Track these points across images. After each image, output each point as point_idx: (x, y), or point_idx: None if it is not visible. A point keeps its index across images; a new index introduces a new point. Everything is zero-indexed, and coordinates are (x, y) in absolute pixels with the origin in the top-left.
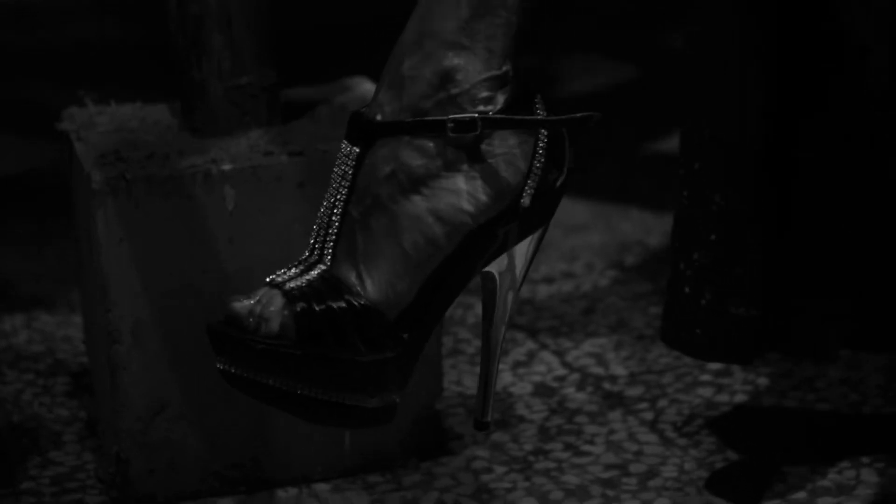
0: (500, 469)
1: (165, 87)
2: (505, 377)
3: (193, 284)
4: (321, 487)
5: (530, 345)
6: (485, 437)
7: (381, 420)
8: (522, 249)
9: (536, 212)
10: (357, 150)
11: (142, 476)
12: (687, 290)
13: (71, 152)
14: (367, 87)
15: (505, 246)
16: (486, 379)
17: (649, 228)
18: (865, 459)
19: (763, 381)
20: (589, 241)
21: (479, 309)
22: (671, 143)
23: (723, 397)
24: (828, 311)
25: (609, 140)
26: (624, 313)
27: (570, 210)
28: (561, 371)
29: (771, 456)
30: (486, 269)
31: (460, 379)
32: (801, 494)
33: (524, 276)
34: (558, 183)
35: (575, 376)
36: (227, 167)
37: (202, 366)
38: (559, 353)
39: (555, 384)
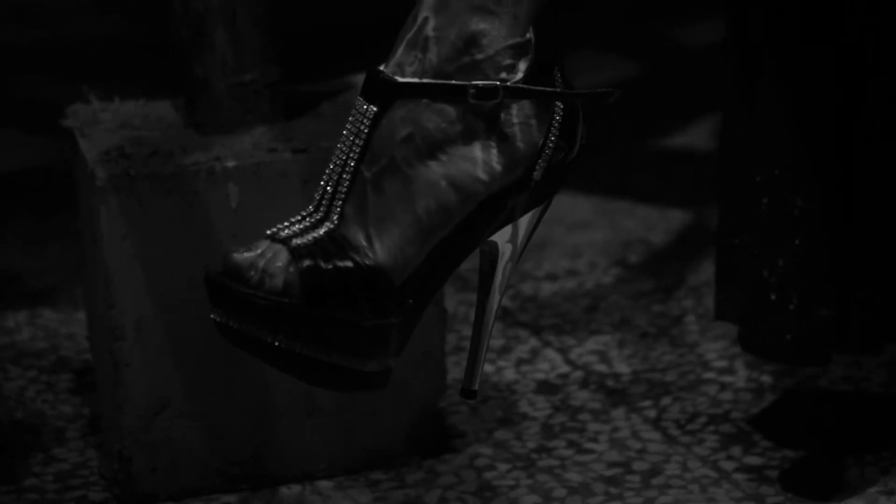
0: (503, 467)
1: (168, 83)
2: (508, 374)
3: (197, 281)
4: (324, 485)
5: (534, 342)
6: (488, 435)
7: (375, 385)
8: (525, 221)
9: (545, 185)
10: (374, 108)
11: (144, 473)
12: (773, 296)
13: (75, 149)
14: None
15: (512, 217)
16: (477, 347)
17: (653, 226)
18: (869, 457)
19: (766, 378)
20: (592, 238)
21: None
22: (675, 140)
23: (726, 395)
24: (866, 303)
25: (613, 136)
26: (627, 311)
27: (574, 207)
28: (564, 369)
29: (774, 454)
30: (490, 238)
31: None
32: (804, 492)
33: (524, 248)
34: (569, 158)
35: (578, 374)
36: (230, 164)
37: (205, 362)
38: (562, 351)
39: (558, 382)
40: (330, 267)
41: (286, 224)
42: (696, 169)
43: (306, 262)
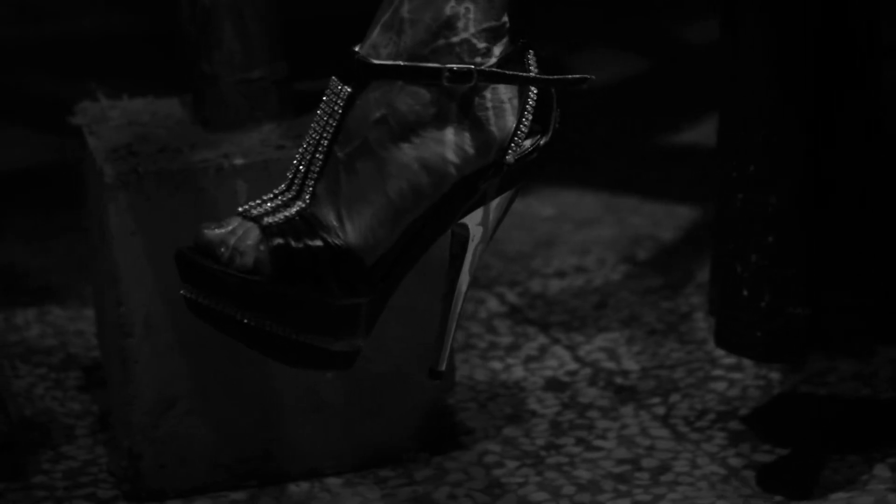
0: (511, 464)
1: (173, 79)
2: (516, 372)
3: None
4: (332, 482)
5: (542, 339)
6: (497, 432)
7: (341, 365)
8: (496, 204)
9: (518, 169)
10: (349, 89)
11: (153, 470)
12: (745, 292)
13: (83, 146)
14: None
15: (483, 200)
16: (445, 328)
17: (660, 222)
18: (877, 454)
19: (775, 375)
20: (600, 235)
21: (490, 304)
22: (683, 137)
23: (735, 392)
24: (857, 305)
25: (619, 133)
26: (636, 308)
27: (581, 203)
28: (573, 366)
29: (783, 451)
30: (461, 220)
31: (472, 373)
32: (812, 489)
33: (495, 231)
34: (542, 143)
35: (587, 371)
36: (238, 161)
37: (214, 359)
38: (571, 348)
39: (567, 379)
40: (300, 246)
41: (258, 202)
42: (704, 165)
43: (277, 241)
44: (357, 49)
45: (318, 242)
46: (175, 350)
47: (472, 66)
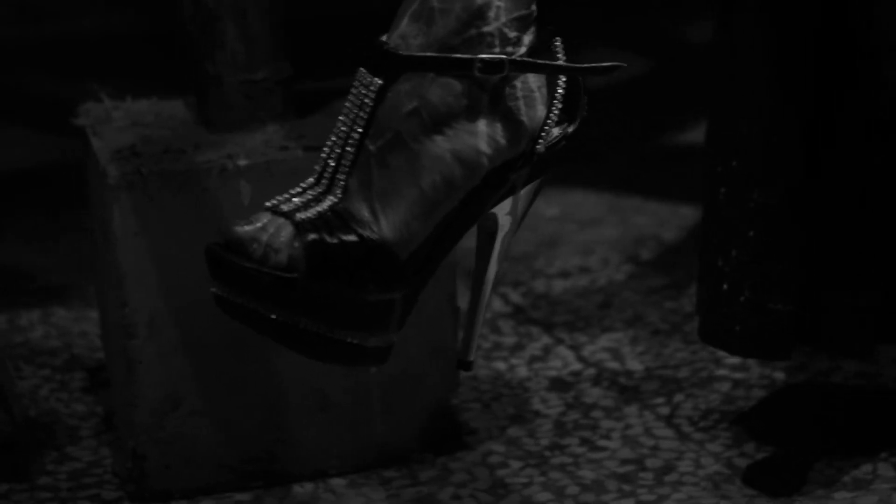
0: (515, 464)
1: (173, 79)
2: (520, 372)
3: (209, 279)
4: (337, 482)
5: (546, 339)
6: (501, 432)
7: (377, 360)
8: (525, 193)
9: (547, 158)
10: (379, 81)
11: (157, 471)
12: (725, 286)
13: (87, 147)
14: None
15: (513, 190)
16: (474, 319)
17: (664, 222)
18: (882, 454)
19: (779, 375)
20: (603, 235)
21: (494, 304)
22: (685, 136)
23: (739, 392)
24: (857, 304)
25: (621, 133)
26: (639, 308)
27: (585, 203)
28: (577, 366)
29: (787, 450)
30: (491, 210)
31: (476, 374)
32: (817, 489)
33: (522, 220)
34: (569, 131)
35: (591, 371)
36: (242, 162)
37: (218, 360)
38: (575, 348)
39: (570, 379)
40: (335, 241)
41: (286, 197)
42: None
43: (311, 237)
44: (384, 39)
45: (353, 237)
46: (179, 350)
47: (504, 56)
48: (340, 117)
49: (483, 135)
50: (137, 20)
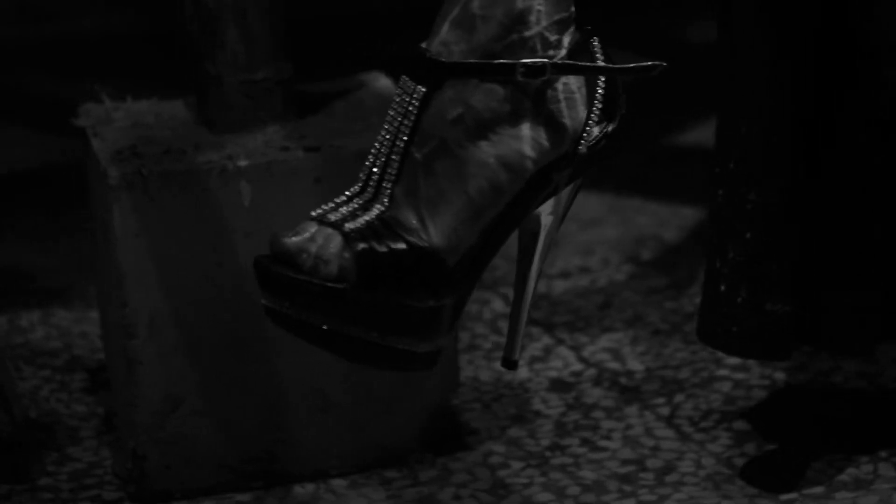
0: (516, 464)
1: (173, 79)
2: (521, 372)
3: (209, 279)
4: (337, 483)
5: (546, 340)
6: (501, 433)
7: (427, 365)
8: (566, 192)
9: (588, 158)
10: (423, 89)
11: (158, 471)
12: (723, 287)
13: (87, 148)
14: (383, 82)
15: (556, 190)
16: (517, 318)
17: (665, 222)
18: (883, 453)
19: (780, 375)
20: (604, 235)
21: (495, 304)
22: (686, 136)
23: (740, 392)
24: (858, 304)
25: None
26: (640, 308)
27: (586, 204)
28: (577, 366)
29: (788, 450)
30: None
31: (477, 374)
32: (818, 489)
33: (563, 219)
34: (609, 130)
35: (591, 371)
36: (243, 163)
37: (218, 360)
38: (575, 349)
39: (571, 379)
40: (385, 250)
41: (331, 206)
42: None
43: (361, 246)
44: (425, 46)
45: (402, 245)
46: (180, 351)
47: (546, 60)
48: (384, 125)
49: (527, 138)
50: (137, 20)
